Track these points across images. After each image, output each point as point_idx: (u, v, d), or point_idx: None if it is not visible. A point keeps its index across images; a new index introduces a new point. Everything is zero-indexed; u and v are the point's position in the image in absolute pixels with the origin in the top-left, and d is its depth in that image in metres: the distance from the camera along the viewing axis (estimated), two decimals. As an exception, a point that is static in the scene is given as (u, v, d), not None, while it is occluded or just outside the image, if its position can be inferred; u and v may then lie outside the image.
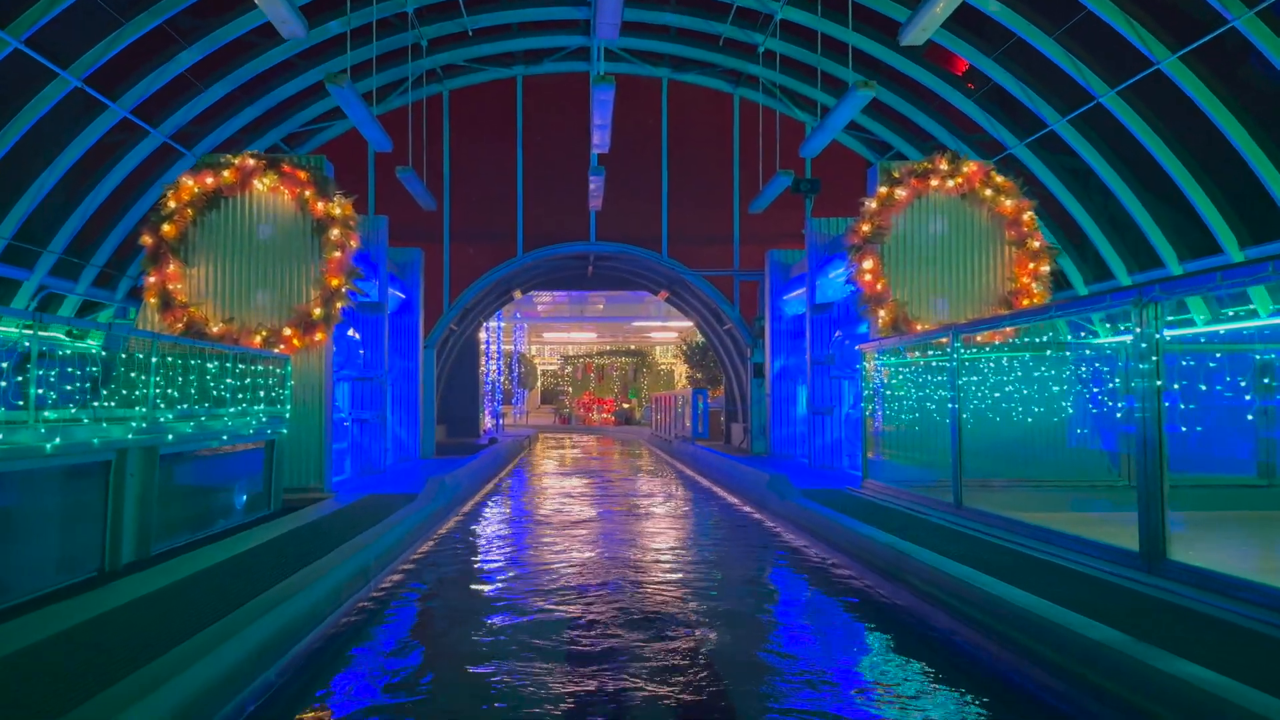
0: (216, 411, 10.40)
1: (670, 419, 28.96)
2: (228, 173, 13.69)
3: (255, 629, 6.11)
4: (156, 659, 5.22)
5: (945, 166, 14.08)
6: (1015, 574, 7.30)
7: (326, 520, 10.96)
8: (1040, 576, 7.24)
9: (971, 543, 8.88)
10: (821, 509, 11.34)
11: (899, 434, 13.36)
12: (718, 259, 23.48)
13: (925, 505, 11.44)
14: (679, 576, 9.80)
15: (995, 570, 7.43)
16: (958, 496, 10.57)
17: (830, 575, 9.74)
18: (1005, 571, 7.39)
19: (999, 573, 7.32)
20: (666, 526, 13.46)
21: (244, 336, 13.48)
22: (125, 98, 17.33)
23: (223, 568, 8.05)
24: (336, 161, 23.11)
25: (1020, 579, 7.09)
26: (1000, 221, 14.12)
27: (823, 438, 17.43)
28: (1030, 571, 7.44)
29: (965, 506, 10.46)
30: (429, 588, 9.50)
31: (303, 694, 6.23)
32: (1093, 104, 16.86)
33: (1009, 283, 14.06)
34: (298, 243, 13.74)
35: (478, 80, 23.09)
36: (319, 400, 13.67)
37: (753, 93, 22.86)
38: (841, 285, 16.96)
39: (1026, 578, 7.16)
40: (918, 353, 13.38)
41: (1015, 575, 7.25)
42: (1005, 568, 7.56)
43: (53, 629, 5.88)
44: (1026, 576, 7.21)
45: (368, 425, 16.98)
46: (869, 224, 13.92)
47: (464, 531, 12.79)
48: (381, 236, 17.13)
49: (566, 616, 8.11)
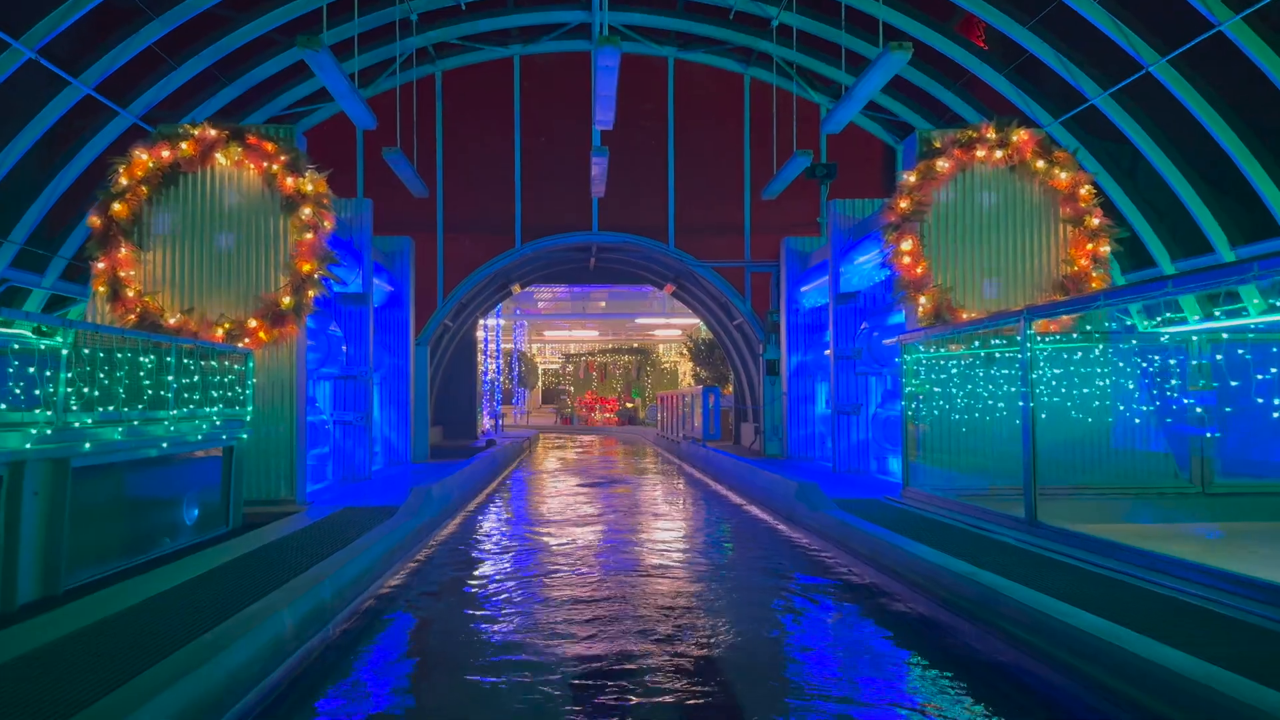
0: (154, 414, 8.57)
1: (677, 419, 27.12)
2: (186, 145, 11.87)
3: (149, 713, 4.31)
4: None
5: (993, 135, 12.26)
6: (1160, 625, 5.47)
7: (290, 540, 9.15)
8: (1198, 628, 5.42)
9: (1070, 574, 7.06)
10: (866, 524, 9.52)
11: (945, 435, 11.56)
12: (727, 250, 21.64)
13: (985, 520, 9.62)
14: (713, 626, 7.97)
15: (1131, 619, 5.59)
16: (1031, 511, 8.75)
17: (898, 615, 7.86)
18: (1145, 622, 5.55)
19: (1139, 624, 5.48)
20: (687, 547, 11.61)
21: (204, 329, 11.66)
22: (88, 73, 15.51)
23: (141, 610, 6.23)
24: (323, 148, 21.37)
25: (1173, 634, 5.27)
26: (1054, 197, 12.29)
27: (847, 439, 15.61)
28: (1176, 620, 5.62)
29: (1041, 523, 8.64)
30: (402, 631, 7.68)
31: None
32: (1140, 74, 15.06)
33: (1064, 265, 12.25)
34: (265, 224, 11.93)
35: (472, 60, 21.24)
36: (289, 401, 11.85)
37: (765, 72, 21.04)
38: (869, 272, 15.15)
39: (1179, 631, 5.34)
40: (964, 344, 11.58)
41: (1161, 627, 5.42)
42: (1141, 615, 5.72)
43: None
44: (1177, 629, 5.39)
45: (351, 428, 15.15)
46: (907, 200, 12.09)
47: (450, 552, 10.95)
48: (365, 221, 15.30)
49: (570, 683, 6.28)
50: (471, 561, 10.38)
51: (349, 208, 15.25)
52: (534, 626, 7.50)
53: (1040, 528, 8.59)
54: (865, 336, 15.03)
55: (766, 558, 10.45)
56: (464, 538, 11.99)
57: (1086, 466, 11.83)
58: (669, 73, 21.52)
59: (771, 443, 19.99)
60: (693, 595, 8.59)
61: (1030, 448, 8.70)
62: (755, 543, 11.31)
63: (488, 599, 8.58)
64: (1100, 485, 11.63)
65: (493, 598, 8.59)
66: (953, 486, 11.22)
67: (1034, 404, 8.69)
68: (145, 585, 7.05)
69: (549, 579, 9.33)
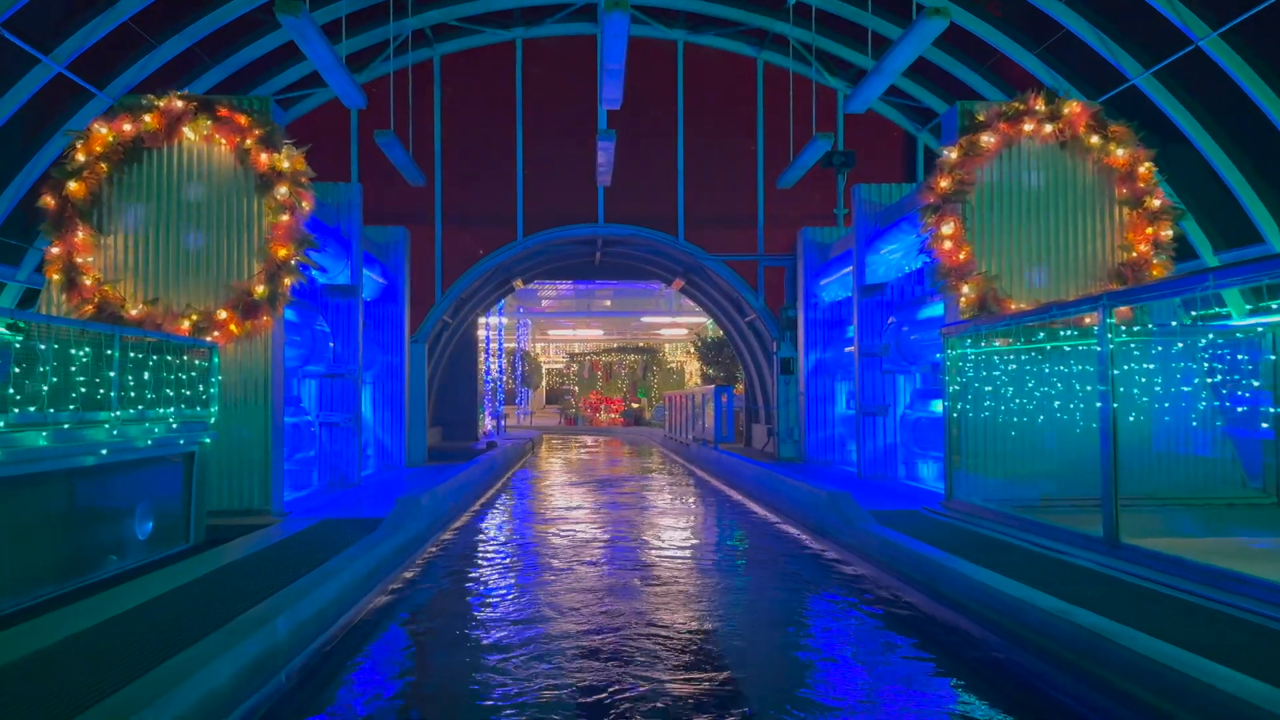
0: (91, 416, 7.25)
1: (686, 420, 25.75)
2: (150, 117, 10.55)
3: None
4: None
5: (1042, 107, 10.91)
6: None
7: (253, 561, 7.83)
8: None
9: (1179, 611, 5.71)
10: (915, 544, 8.17)
11: (992, 439, 10.22)
12: (740, 243, 20.27)
13: (1048, 537, 8.27)
14: (755, 684, 6.64)
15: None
16: (1112, 529, 7.39)
17: (975, 665, 6.48)
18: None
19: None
20: (707, 567, 10.27)
21: (169, 322, 10.34)
22: (59, 50, 14.23)
23: (35, 662, 4.91)
24: (317, 137, 19.74)
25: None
26: (1109, 175, 10.94)
27: (873, 443, 14.26)
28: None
29: (1124, 544, 7.28)
30: (370, 682, 6.35)
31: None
32: (1188, 49, 13.72)
33: (1121, 251, 10.89)
34: (238, 205, 10.61)
35: (472, 44, 19.89)
36: (263, 401, 10.52)
37: (779, 56, 19.70)
38: (897, 262, 13.82)
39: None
40: (1013, 338, 10.23)
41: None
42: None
43: None
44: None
45: (339, 430, 13.83)
46: (948, 178, 10.74)
47: (438, 573, 9.60)
48: (354, 207, 13.97)
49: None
50: (460, 588, 9.03)
51: (337, 193, 13.94)
52: (530, 677, 6.17)
53: (1123, 549, 7.24)
54: (893, 331, 13.68)
55: (802, 583, 9.09)
56: (455, 555, 10.65)
57: (1143, 474, 10.48)
58: (678, 57, 20.17)
59: (786, 445, 18.64)
60: (726, 640, 7.25)
61: (1111, 455, 7.35)
62: (785, 564, 9.91)
63: (476, 638, 7.24)
64: (1160, 495, 10.29)
65: (482, 638, 7.25)
66: (1003, 497, 9.88)
67: (1116, 404, 7.33)
68: (62, 622, 5.73)
69: (549, 605, 8.00)
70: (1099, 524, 7.94)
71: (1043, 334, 9.31)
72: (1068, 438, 10.16)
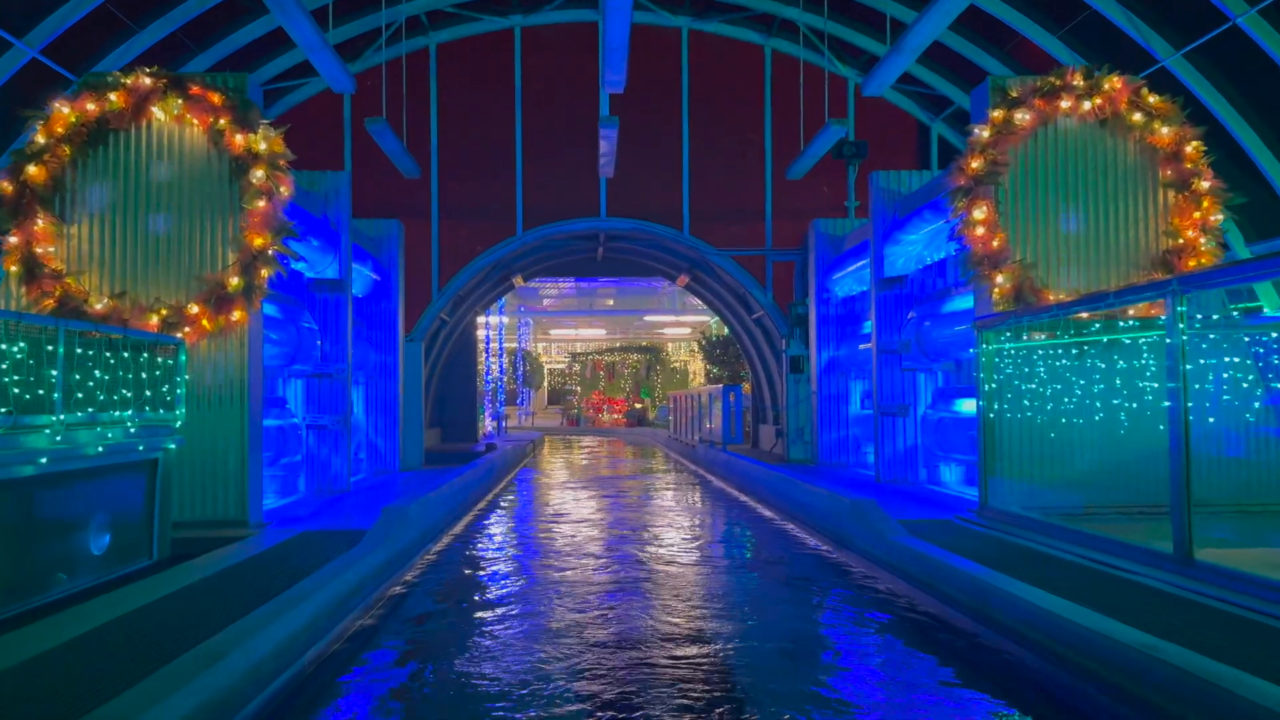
0: (29, 421, 6.34)
1: (691, 420, 24.81)
2: (116, 96, 9.64)
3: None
4: None
5: (1080, 82, 9.99)
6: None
7: (215, 582, 6.92)
8: None
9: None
10: (959, 561, 7.24)
11: (1029, 442, 9.30)
12: (746, 237, 19.34)
13: (1104, 551, 7.35)
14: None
15: None
16: (1185, 545, 6.47)
17: (1041, 708, 5.52)
18: None
19: None
20: (730, 586, 9.35)
21: (136, 316, 9.43)
22: (33, 34, 13.33)
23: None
24: (310, 131, 19.04)
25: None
26: (1153, 155, 10.01)
27: (892, 445, 13.33)
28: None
29: (1198, 561, 6.36)
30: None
31: None
32: (1225, 27, 12.82)
33: (1166, 238, 9.96)
34: (211, 190, 9.70)
35: (469, 32, 18.98)
36: (239, 402, 9.61)
37: (788, 43, 18.78)
38: (918, 253, 12.91)
39: None
40: (1050, 331, 9.32)
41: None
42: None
43: None
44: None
45: (327, 433, 12.92)
46: (979, 158, 9.81)
47: (424, 595, 8.67)
48: (343, 197, 13.05)
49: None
50: (453, 607, 8.11)
51: (324, 181, 13.03)
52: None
53: (1197, 567, 6.32)
54: (913, 326, 12.77)
55: (832, 604, 8.17)
56: (445, 571, 9.73)
57: (1194, 479, 9.54)
58: (682, 45, 19.25)
59: (796, 447, 17.72)
60: (752, 669, 6.34)
61: (1183, 460, 6.43)
62: (811, 580, 8.97)
63: (465, 675, 6.32)
64: (1215, 502, 9.35)
65: (474, 675, 6.33)
66: (1044, 504, 8.96)
67: (1188, 402, 6.40)
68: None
69: (550, 624, 7.09)
70: (1152, 534, 7.05)
71: (1098, 324, 8.38)
72: (1113, 439, 9.26)
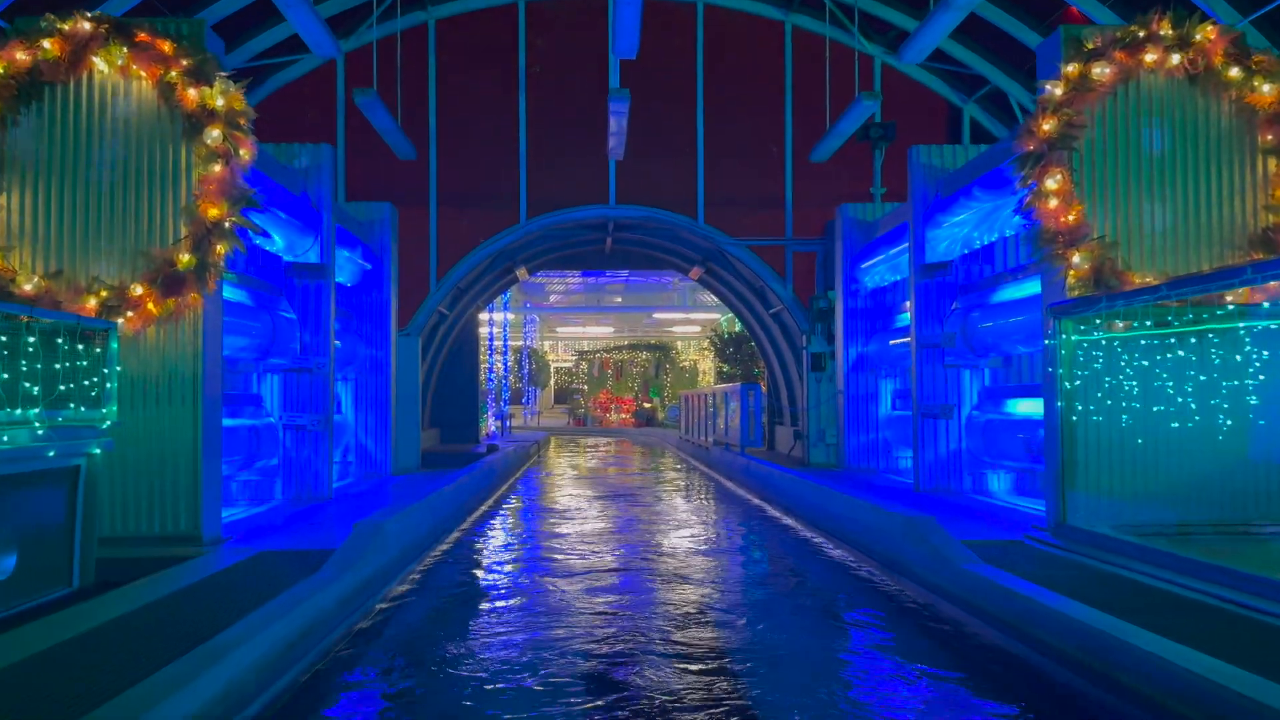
0: (-117, 420, 4.90)
1: (704, 421, 23.29)
2: (50, 43, 8.19)
3: None
4: None
5: (1168, 31, 8.49)
6: None
7: (133, 621, 5.47)
8: None
9: None
10: (1051, 597, 5.75)
11: (1118, 448, 7.81)
12: (765, 226, 17.84)
13: (1229, 587, 5.85)
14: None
15: None
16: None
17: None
18: None
19: None
20: (770, 632, 7.87)
21: (72, 299, 7.99)
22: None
23: None
24: (303, 111, 17.79)
25: None
26: (1252, 118, 8.51)
27: (934, 450, 11.84)
28: None
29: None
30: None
31: None
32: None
33: (1266, 213, 8.46)
34: (160, 153, 8.25)
35: (470, 7, 17.53)
36: (191, 399, 8.15)
37: (810, 20, 17.30)
38: (964, 236, 11.43)
39: None
40: (1131, 321, 7.84)
41: None
42: None
43: None
44: None
45: (306, 434, 11.48)
46: (1052, 119, 8.31)
47: (400, 634, 7.19)
48: (324, 171, 11.61)
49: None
50: (429, 653, 6.63)
51: (304, 154, 11.59)
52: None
53: (1380, 615, 4.82)
54: (958, 318, 11.27)
55: (904, 655, 6.68)
56: (431, 598, 8.27)
57: None
58: (698, 22, 17.77)
59: (817, 450, 16.22)
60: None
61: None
62: (875, 625, 7.43)
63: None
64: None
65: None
66: (1130, 522, 7.48)
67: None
68: None
69: (551, 656, 5.62)
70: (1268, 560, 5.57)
71: (1217, 312, 6.89)
72: (1210, 446, 7.77)
